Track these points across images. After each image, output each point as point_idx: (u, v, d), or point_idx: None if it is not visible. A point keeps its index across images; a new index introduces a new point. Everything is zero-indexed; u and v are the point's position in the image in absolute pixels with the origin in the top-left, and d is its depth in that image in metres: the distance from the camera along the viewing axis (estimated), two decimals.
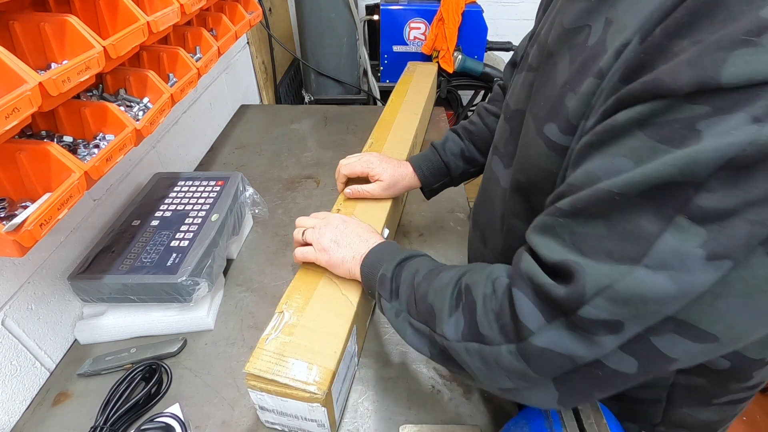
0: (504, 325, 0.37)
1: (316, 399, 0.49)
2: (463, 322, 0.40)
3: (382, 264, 0.53)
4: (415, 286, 0.48)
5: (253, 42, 1.49)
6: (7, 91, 0.42)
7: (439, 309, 0.43)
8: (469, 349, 0.39)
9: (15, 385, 0.59)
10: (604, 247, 0.31)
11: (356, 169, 0.74)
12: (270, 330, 0.54)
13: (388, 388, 0.62)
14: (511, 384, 0.38)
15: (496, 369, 0.37)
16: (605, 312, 0.30)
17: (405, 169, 0.75)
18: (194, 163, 1.10)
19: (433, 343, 0.44)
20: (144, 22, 0.60)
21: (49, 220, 0.46)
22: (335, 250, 0.59)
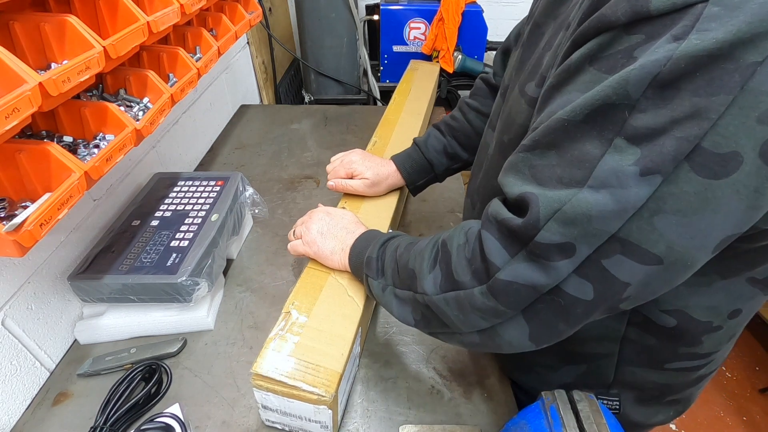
0: (476, 269, 0.39)
1: (324, 401, 0.49)
2: (440, 275, 0.43)
3: (367, 248, 0.56)
4: (397, 258, 0.50)
5: (253, 42, 1.49)
6: (7, 91, 0.42)
7: (419, 269, 0.45)
8: (447, 299, 0.42)
9: (15, 385, 0.59)
10: (556, 174, 0.34)
11: (339, 172, 0.75)
12: (277, 329, 0.54)
13: (388, 388, 0.62)
14: (486, 323, 0.40)
15: (471, 312, 0.40)
16: (557, 235, 0.33)
17: (388, 168, 0.76)
18: (194, 163, 1.10)
19: (416, 307, 0.47)
20: (144, 22, 0.60)
21: (49, 220, 0.46)
22: (322, 242, 0.61)
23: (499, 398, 0.60)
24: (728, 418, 1.56)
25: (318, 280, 0.61)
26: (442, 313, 0.43)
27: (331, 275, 0.62)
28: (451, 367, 0.64)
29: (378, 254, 0.54)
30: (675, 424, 1.55)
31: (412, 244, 0.50)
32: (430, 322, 0.46)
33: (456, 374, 0.63)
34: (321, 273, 0.62)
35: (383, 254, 0.53)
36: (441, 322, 0.44)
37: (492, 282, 0.37)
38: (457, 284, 0.40)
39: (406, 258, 0.49)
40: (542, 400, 0.45)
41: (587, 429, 0.41)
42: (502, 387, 0.62)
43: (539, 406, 0.45)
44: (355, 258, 0.58)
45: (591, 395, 0.44)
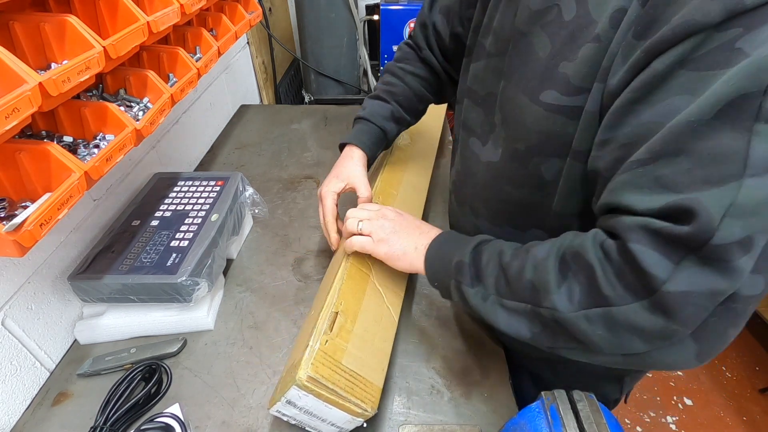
0: (628, 284, 0.36)
1: (365, 416, 0.48)
2: (578, 290, 0.39)
3: (454, 252, 0.51)
4: (503, 266, 0.46)
5: (253, 42, 1.49)
6: (7, 91, 0.42)
7: (543, 283, 0.41)
8: (589, 317, 0.38)
9: (15, 385, 0.59)
10: (697, 177, 0.32)
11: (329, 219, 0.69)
12: (326, 328, 0.51)
13: (388, 388, 0.61)
14: (644, 346, 0.36)
15: (625, 332, 0.36)
16: (738, 229, 0.31)
17: (356, 159, 0.72)
18: (194, 163, 1.10)
19: (535, 321, 0.43)
20: (144, 22, 0.60)
21: (49, 220, 0.46)
22: (395, 241, 0.57)
23: (499, 398, 0.60)
24: (728, 418, 1.56)
25: (361, 283, 0.59)
26: (578, 331, 0.39)
27: (371, 280, 0.60)
28: (451, 367, 0.64)
29: (471, 259, 0.49)
30: (675, 425, 1.55)
31: (520, 249, 0.46)
32: (556, 337, 0.42)
33: (456, 374, 0.63)
34: (363, 274, 0.60)
35: (478, 259, 0.49)
36: (573, 339, 0.40)
37: (658, 296, 0.34)
38: (606, 299, 0.37)
39: (519, 267, 0.44)
40: (542, 400, 0.45)
41: (587, 429, 0.41)
42: (502, 387, 0.62)
43: (539, 406, 0.45)
44: (436, 261, 0.53)
45: (591, 395, 0.44)
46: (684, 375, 1.70)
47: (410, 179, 0.86)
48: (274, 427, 0.57)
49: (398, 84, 0.76)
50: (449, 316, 0.71)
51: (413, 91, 0.76)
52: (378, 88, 0.78)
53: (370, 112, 0.75)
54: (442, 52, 0.73)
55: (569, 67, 0.41)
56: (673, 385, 1.67)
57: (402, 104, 0.76)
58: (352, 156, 0.73)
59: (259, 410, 0.59)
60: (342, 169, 0.72)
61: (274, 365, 0.65)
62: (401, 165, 0.88)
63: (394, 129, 0.77)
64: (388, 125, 0.76)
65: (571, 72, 0.41)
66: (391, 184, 0.82)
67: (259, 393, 0.61)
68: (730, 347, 1.77)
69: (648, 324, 0.35)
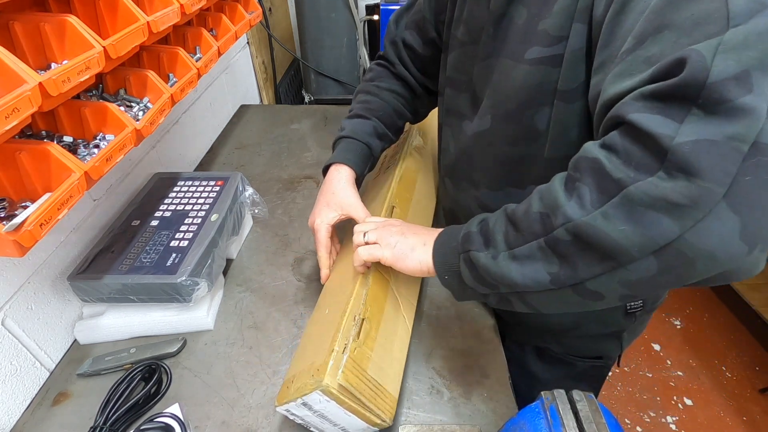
0: (638, 162, 0.32)
1: (382, 425, 0.48)
2: (587, 191, 0.36)
3: (460, 231, 0.49)
4: (509, 217, 0.44)
5: (253, 42, 1.49)
6: (7, 91, 0.42)
7: (552, 206, 0.38)
8: (605, 213, 0.34)
9: (15, 385, 0.59)
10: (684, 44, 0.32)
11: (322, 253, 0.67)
12: (354, 334, 0.50)
13: None
14: (675, 226, 0.31)
15: (649, 214, 0.32)
16: (732, 62, 0.29)
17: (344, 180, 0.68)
18: (194, 163, 1.10)
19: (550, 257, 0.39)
20: (144, 22, 0.60)
21: (49, 220, 0.46)
22: (402, 241, 0.55)
23: (499, 398, 0.60)
24: (728, 418, 1.56)
25: (383, 290, 0.58)
26: (598, 235, 0.34)
27: (391, 287, 0.59)
28: (451, 367, 0.64)
29: (480, 227, 0.47)
30: (675, 425, 1.55)
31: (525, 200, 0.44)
32: (576, 264, 0.37)
33: (456, 374, 0.63)
34: (384, 281, 0.59)
35: (486, 225, 0.46)
36: (597, 255, 0.35)
37: (671, 155, 0.30)
38: (618, 184, 0.33)
39: (524, 208, 0.42)
40: (542, 400, 0.45)
41: (587, 429, 0.41)
42: (502, 387, 0.62)
43: (539, 406, 0.45)
44: (442, 246, 0.51)
45: (591, 395, 0.44)
46: (684, 375, 1.71)
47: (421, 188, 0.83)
48: (274, 427, 0.57)
49: (376, 101, 0.74)
50: (449, 316, 0.71)
51: (392, 106, 0.75)
52: (354, 108, 0.74)
53: (352, 130, 0.71)
54: (416, 65, 0.75)
55: (547, 23, 0.46)
56: (673, 385, 1.67)
57: (383, 120, 0.73)
58: (340, 178, 0.68)
59: (259, 410, 0.59)
60: (332, 197, 0.67)
61: (274, 365, 0.65)
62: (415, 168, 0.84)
63: (378, 145, 0.73)
64: (372, 141, 0.72)
65: (548, 26, 0.46)
66: (407, 187, 0.78)
67: (259, 393, 0.61)
68: (730, 347, 1.78)
69: (670, 190, 0.31)
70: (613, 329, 0.69)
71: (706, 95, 0.30)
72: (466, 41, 0.59)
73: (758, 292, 1.77)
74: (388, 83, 0.76)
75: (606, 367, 0.77)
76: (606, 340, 0.71)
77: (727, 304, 1.96)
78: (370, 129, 0.72)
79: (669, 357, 1.77)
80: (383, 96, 0.75)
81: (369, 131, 0.72)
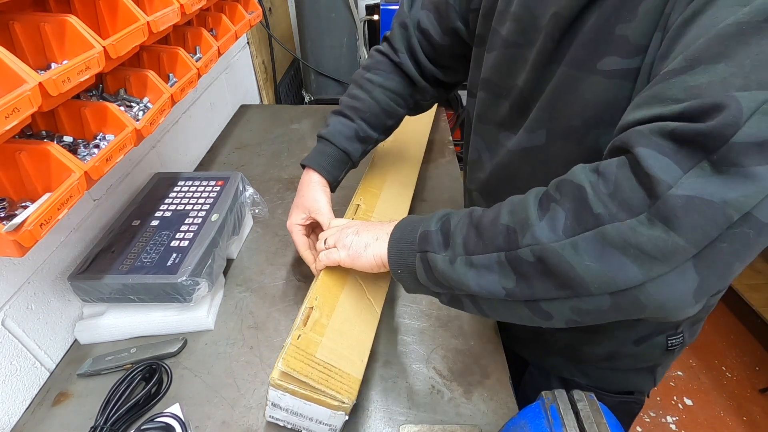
0: (624, 199, 0.31)
1: (343, 408, 0.48)
2: (563, 216, 0.34)
3: (417, 227, 0.47)
4: (474, 222, 0.42)
5: (253, 42, 1.49)
6: (7, 91, 0.42)
7: (521, 222, 0.37)
8: (576, 244, 0.33)
9: (15, 385, 0.59)
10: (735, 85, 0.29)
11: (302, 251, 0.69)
12: (300, 323, 0.51)
13: (388, 388, 0.61)
14: (639, 272, 0.31)
15: (618, 256, 0.31)
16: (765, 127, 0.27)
17: (314, 184, 0.68)
18: (194, 163, 1.10)
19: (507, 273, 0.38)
20: (144, 22, 0.60)
21: (49, 220, 0.46)
22: (356, 240, 0.54)
23: (499, 398, 0.60)
24: (728, 418, 1.56)
25: (339, 278, 0.59)
26: (562, 265, 0.34)
27: (351, 274, 0.60)
28: (451, 367, 0.64)
29: (439, 227, 0.45)
30: (675, 425, 1.55)
31: (494, 205, 0.42)
32: (533, 285, 0.37)
33: (456, 374, 0.63)
34: (341, 270, 0.60)
35: (446, 226, 0.45)
36: (557, 282, 0.35)
37: (661, 203, 0.29)
38: (596, 219, 0.32)
39: (491, 217, 0.40)
40: (542, 400, 0.45)
41: (587, 429, 0.41)
42: (502, 387, 0.62)
43: (539, 406, 0.45)
44: (398, 242, 0.49)
45: (591, 395, 0.44)
46: (684, 375, 1.71)
47: (396, 176, 0.84)
48: (274, 427, 0.57)
49: (365, 99, 0.70)
50: (449, 316, 0.71)
51: (381, 106, 0.70)
52: (343, 102, 0.71)
53: (332, 131, 0.70)
54: (428, 53, 0.68)
55: (628, 28, 0.39)
56: (673, 385, 1.67)
57: (368, 121, 0.70)
58: (311, 181, 0.68)
59: (259, 410, 0.59)
60: (302, 199, 0.68)
61: (274, 365, 0.64)
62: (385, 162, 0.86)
63: (358, 149, 0.71)
64: (351, 146, 0.70)
65: (630, 32, 0.39)
66: (374, 183, 0.80)
67: (259, 393, 0.61)
68: (730, 347, 1.78)
69: (645, 239, 0.30)
70: (648, 364, 0.64)
71: (724, 153, 0.28)
72: (516, 42, 0.50)
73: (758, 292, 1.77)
74: (382, 78, 0.70)
75: (637, 403, 0.69)
76: (639, 375, 0.66)
77: (727, 304, 1.96)
78: (352, 132, 0.70)
79: None
80: (374, 94, 0.69)
81: (349, 135, 0.70)
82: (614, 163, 0.33)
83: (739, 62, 0.29)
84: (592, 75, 0.43)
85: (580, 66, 0.44)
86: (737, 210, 0.28)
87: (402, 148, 0.93)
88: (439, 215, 0.47)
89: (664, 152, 0.30)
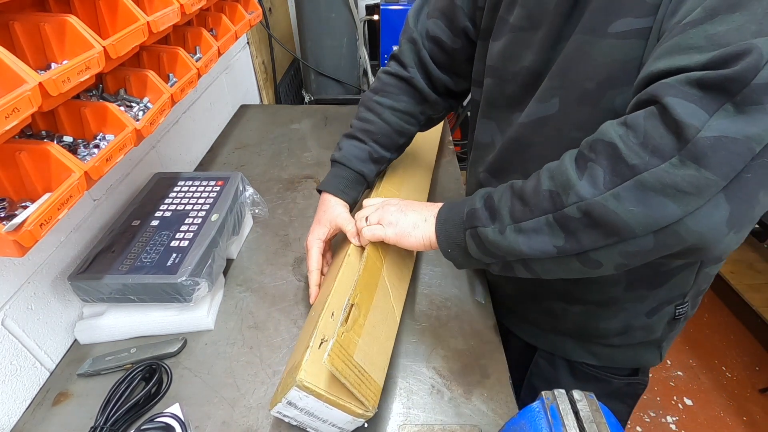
0: (656, 146, 0.35)
1: (366, 416, 0.48)
2: (600, 172, 0.38)
3: (462, 208, 0.51)
4: (516, 193, 0.46)
5: (253, 42, 1.49)
6: (7, 91, 0.42)
7: (563, 183, 0.40)
8: (617, 194, 0.36)
9: (15, 385, 0.59)
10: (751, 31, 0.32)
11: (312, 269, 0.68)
12: (342, 319, 0.49)
13: (388, 388, 0.61)
14: (677, 208, 0.34)
15: (657, 197, 0.35)
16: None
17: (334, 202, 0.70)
18: (194, 163, 1.10)
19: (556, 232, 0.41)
20: (144, 22, 0.60)
21: (49, 220, 0.46)
22: (403, 219, 0.57)
23: (499, 398, 0.60)
24: (728, 418, 1.56)
25: (374, 278, 0.58)
26: (607, 215, 0.37)
27: (383, 276, 0.60)
28: (451, 367, 0.64)
29: (484, 202, 0.49)
30: (675, 425, 1.55)
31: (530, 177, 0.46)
32: (582, 238, 0.40)
33: (456, 374, 0.63)
34: (377, 268, 0.59)
35: (490, 200, 0.48)
36: (603, 231, 0.38)
37: (691, 146, 0.33)
38: (633, 169, 0.35)
39: (533, 185, 0.44)
40: (542, 400, 0.45)
41: (587, 429, 0.41)
42: (502, 387, 0.62)
43: (539, 406, 0.45)
44: (445, 224, 0.53)
45: (591, 395, 0.44)
46: (684, 375, 1.71)
47: (411, 181, 0.85)
48: (274, 427, 0.57)
49: (375, 121, 0.72)
50: (449, 316, 0.71)
51: (392, 127, 0.72)
52: (354, 126, 0.74)
53: (346, 155, 0.72)
54: (441, 61, 0.69)
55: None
56: (673, 385, 1.68)
57: (380, 142, 0.73)
58: (330, 201, 0.71)
59: (259, 410, 0.59)
60: (323, 215, 0.70)
61: (274, 365, 0.65)
62: (401, 167, 0.86)
63: (373, 170, 0.73)
64: (366, 168, 0.72)
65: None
66: (393, 183, 0.81)
67: (259, 393, 0.61)
68: (730, 347, 1.78)
69: (680, 179, 0.34)
70: (655, 336, 0.66)
71: (746, 94, 0.31)
72: (523, 26, 0.53)
73: (758, 292, 1.77)
74: (392, 100, 0.72)
75: (641, 384, 0.72)
76: (647, 349, 0.68)
77: (727, 304, 1.96)
78: (365, 155, 0.72)
79: (669, 357, 1.77)
80: (384, 116, 0.72)
81: (363, 157, 0.72)
82: (641, 114, 0.36)
83: (753, 10, 0.32)
84: (604, 38, 0.45)
85: (590, 32, 0.46)
86: (758, 143, 0.32)
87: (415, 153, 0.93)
88: (481, 194, 0.50)
89: (690, 99, 0.33)
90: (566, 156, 0.42)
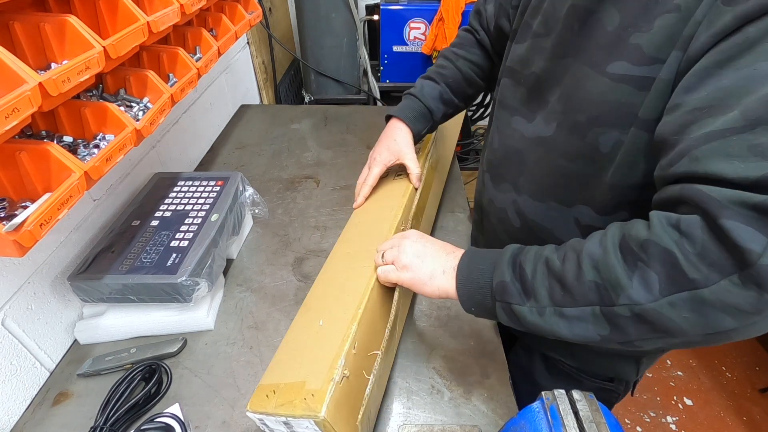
0: (713, 261, 0.35)
1: None
2: (655, 278, 0.38)
3: (488, 272, 0.49)
4: (555, 273, 0.44)
5: (253, 42, 1.49)
6: (7, 91, 0.42)
7: (611, 281, 0.40)
8: (673, 303, 0.37)
9: (15, 385, 0.59)
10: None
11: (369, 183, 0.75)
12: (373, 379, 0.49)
13: (388, 388, 0.61)
14: (734, 323, 0.35)
15: (714, 311, 0.35)
16: None
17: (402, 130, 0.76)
18: (194, 163, 1.10)
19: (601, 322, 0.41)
20: (144, 22, 0.60)
21: (49, 220, 0.46)
22: (419, 266, 0.54)
23: (499, 398, 0.60)
24: (728, 418, 1.56)
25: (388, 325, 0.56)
26: (661, 319, 0.38)
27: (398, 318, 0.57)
28: (451, 367, 0.64)
29: (513, 276, 0.46)
30: (675, 425, 1.55)
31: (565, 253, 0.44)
32: (628, 333, 0.40)
33: (456, 374, 0.63)
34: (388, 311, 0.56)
35: (521, 274, 0.46)
36: (652, 330, 0.39)
37: (753, 270, 0.33)
38: (692, 283, 0.36)
39: (574, 271, 0.42)
40: (542, 400, 0.45)
41: (587, 429, 0.41)
42: (502, 387, 0.62)
43: (539, 406, 0.45)
44: (467, 284, 0.50)
45: (591, 395, 0.44)
46: (684, 375, 1.71)
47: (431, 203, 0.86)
48: None
49: (449, 67, 0.78)
50: (449, 316, 0.71)
51: (463, 75, 0.78)
52: (430, 70, 0.81)
53: (420, 90, 0.78)
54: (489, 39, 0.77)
55: (643, 38, 0.42)
56: (673, 385, 1.67)
57: (451, 86, 0.78)
58: (400, 128, 0.76)
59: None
60: (392, 142, 0.75)
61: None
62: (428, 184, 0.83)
63: (441, 109, 0.79)
64: (435, 105, 0.77)
65: (644, 42, 0.42)
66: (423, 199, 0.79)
67: None
68: (730, 347, 1.78)
69: (741, 300, 0.34)
70: (632, 352, 0.66)
71: None
72: (539, 33, 0.55)
73: None
74: (466, 51, 0.78)
75: (615, 392, 0.71)
76: (624, 362, 0.67)
77: None
78: (436, 93, 0.78)
79: (669, 357, 1.77)
80: (458, 64, 0.78)
81: (434, 95, 0.78)
82: (698, 228, 0.36)
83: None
84: (601, 76, 0.46)
85: (592, 65, 0.47)
86: None
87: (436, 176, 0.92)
88: (508, 260, 0.48)
89: (748, 223, 0.33)
90: (608, 244, 0.41)
